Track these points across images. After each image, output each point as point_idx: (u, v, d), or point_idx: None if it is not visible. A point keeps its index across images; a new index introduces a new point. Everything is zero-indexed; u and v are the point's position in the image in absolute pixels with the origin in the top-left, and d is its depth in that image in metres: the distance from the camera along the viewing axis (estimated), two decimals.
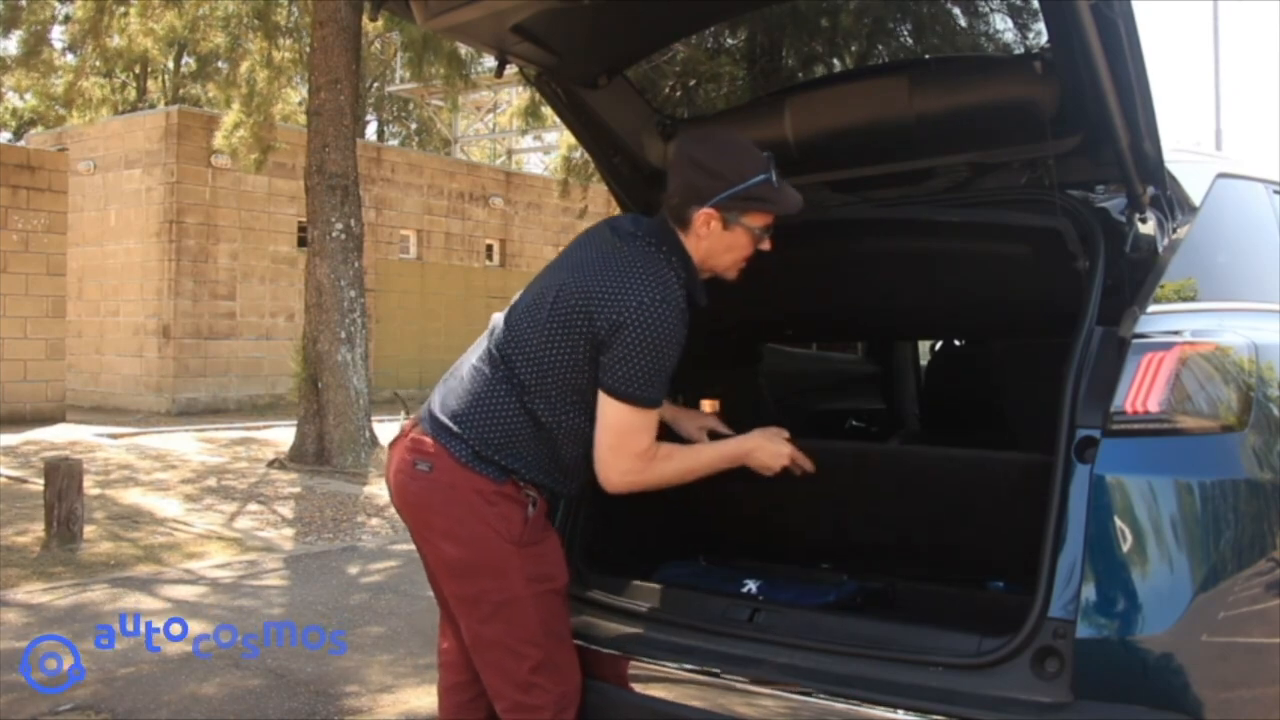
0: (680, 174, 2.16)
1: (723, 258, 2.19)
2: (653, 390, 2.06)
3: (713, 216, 2.11)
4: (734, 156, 2.14)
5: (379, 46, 20.40)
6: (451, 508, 2.12)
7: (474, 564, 2.14)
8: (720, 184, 2.10)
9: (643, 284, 2.05)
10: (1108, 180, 2.37)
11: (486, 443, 2.11)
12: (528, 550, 2.13)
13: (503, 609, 2.13)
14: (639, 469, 2.11)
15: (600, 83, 2.74)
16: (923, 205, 2.62)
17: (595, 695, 2.39)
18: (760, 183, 2.11)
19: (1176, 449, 1.91)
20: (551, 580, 2.18)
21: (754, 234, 2.16)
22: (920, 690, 1.95)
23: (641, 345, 2.03)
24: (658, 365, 2.05)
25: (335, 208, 9.08)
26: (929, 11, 3.16)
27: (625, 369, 2.04)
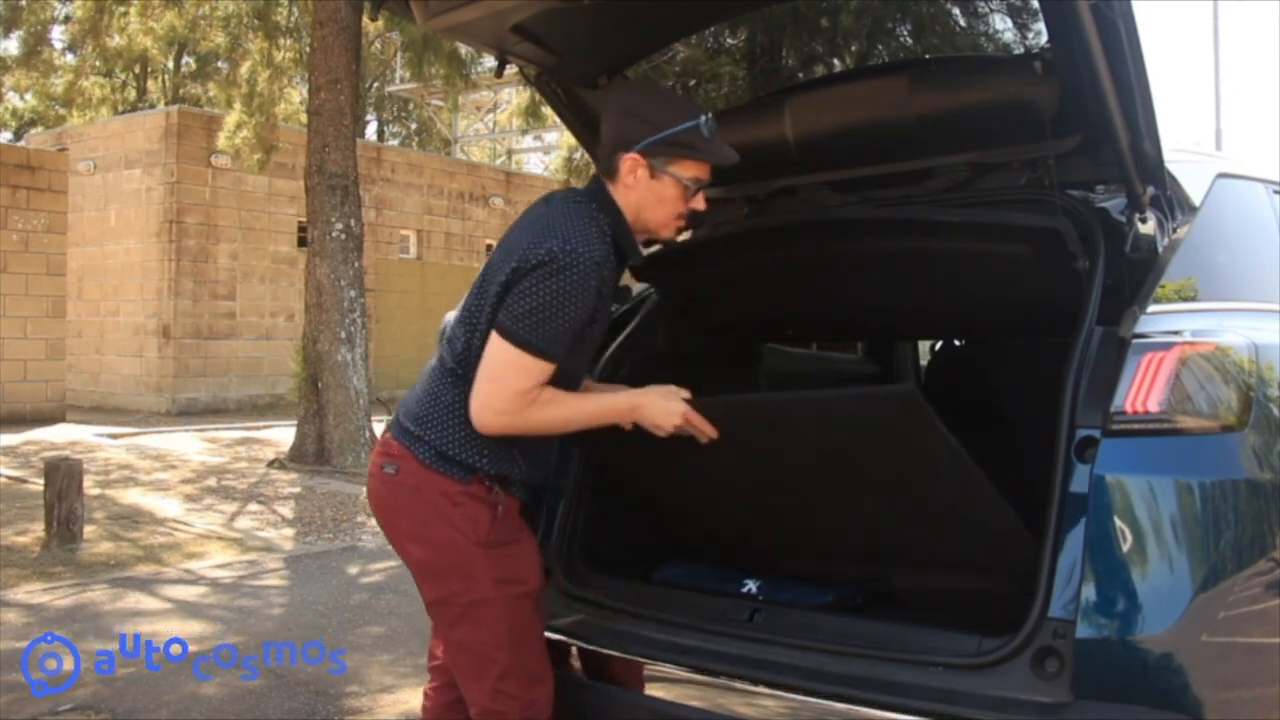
0: (610, 122, 2.10)
1: (654, 212, 2.09)
2: (540, 337, 1.97)
3: (639, 163, 2.04)
4: (664, 103, 2.10)
5: (379, 46, 20.40)
6: (417, 510, 2.10)
7: (441, 566, 2.11)
8: (647, 129, 2.03)
9: (562, 232, 1.98)
10: (1108, 180, 2.37)
11: (447, 441, 2.08)
12: (496, 552, 2.09)
13: (470, 612, 2.09)
14: (514, 410, 2.00)
15: (600, 83, 2.74)
16: (923, 205, 2.62)
17: (595, 695, 2.39)
18: (688, 128, 2.03)
19: (1176, 449, 1.91)
20: (522, 583, 2.13)
21: (684, 186, 2.07)
22: (920, 690, 1.95)
23: (542, 286, 1.95)
24: (553, 311, 1.96)
25: (335, 208, 9.08)
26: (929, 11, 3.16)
27: (519, 306, 1.97)
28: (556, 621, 2.49)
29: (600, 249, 2.00)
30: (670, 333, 3.01)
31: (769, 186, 2.89)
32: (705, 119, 2.04)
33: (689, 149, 2.05)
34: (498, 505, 2.10)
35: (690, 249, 3.00)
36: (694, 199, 2.12)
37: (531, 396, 2.01)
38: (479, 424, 2.03)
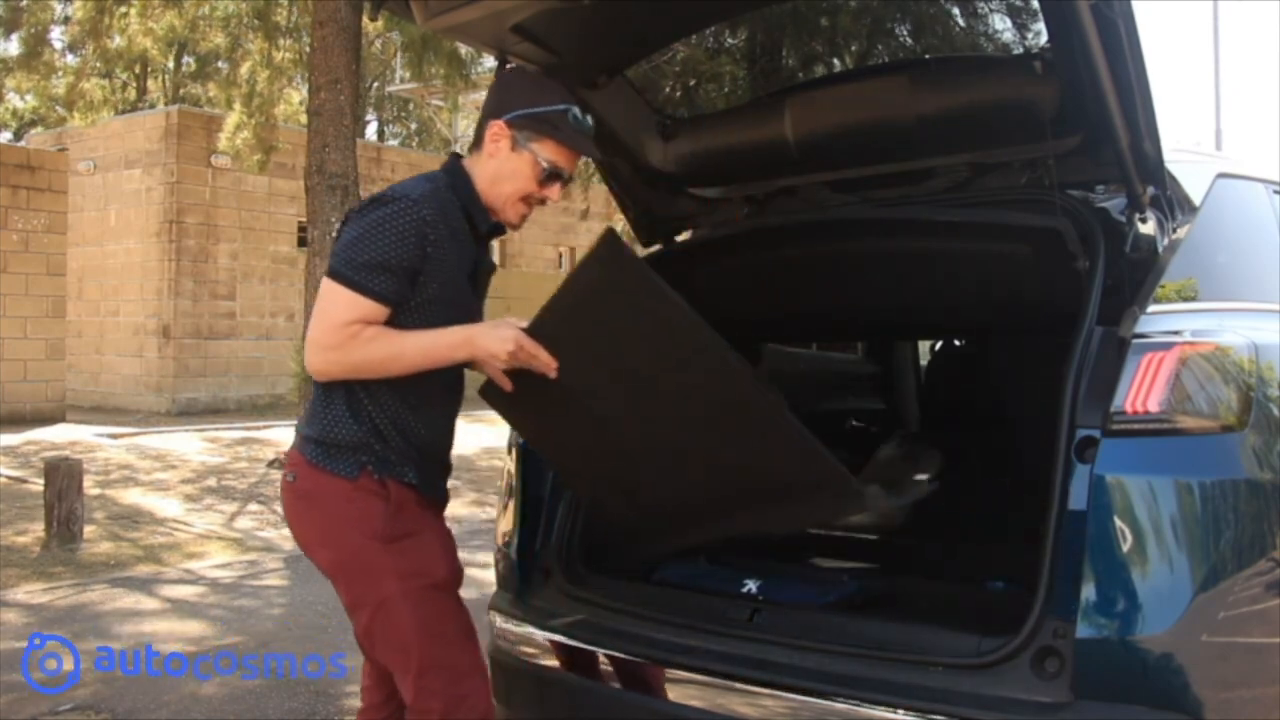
0: (490, 93, 2.16)
1: (504, 185, 2.11)
2: (353, 268, 1.95)
3: (504, 132, 2.08)
4: (541, 84, 2.16)
5: (379, 46, 20.39)
6: (315, 512, 2.09)
7: (345, 566, 2.09)
8: (520, 101, 2.09)
9: (399, 186, 2.02)
10: (1108, 180, 2.37)
11: (327, 430, 2.07)
12: (395, 545, 2.05)
13: (381, 610, 2.06)
14: (337, 344, 1.97)
15: (600, 83, 2.74)
16: (923, 205, 2.62)
17: (595, 695, 2.39)
18: (558, 110, 2.08)
19: (1176, 449, 1.91)
20: (427, 576, 2.08)
21: (540, 167, 2.09)
22: (920, 690, 1.95)
23: (358, 221, 1.99)
24: (366, 242, 1.96)
25: (335, 208, 9.07)
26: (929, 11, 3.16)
27: (341, 245, 1.99)
28: (556, 621, 2.50)
29: (428, 197, 2.02)
30: None
31: (769, 186, 2.90)
32: (576, 109, 2.10)
33: (553, 129, 2.08)
34: (389, 499, 2.06)
35: (690, 249, 3.00)
36: (547, 187, 2.13)
37: (353, 331, 1.97)
38: (310, 366, 2.03)
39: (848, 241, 2.69)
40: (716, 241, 2.87)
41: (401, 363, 2.02)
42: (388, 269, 1.97)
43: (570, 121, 2.09)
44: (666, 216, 3.04)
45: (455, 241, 2.07)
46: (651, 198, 2.99)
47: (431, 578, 2.09)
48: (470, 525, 7.01)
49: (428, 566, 2.09)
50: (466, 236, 2.11)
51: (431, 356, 2.04)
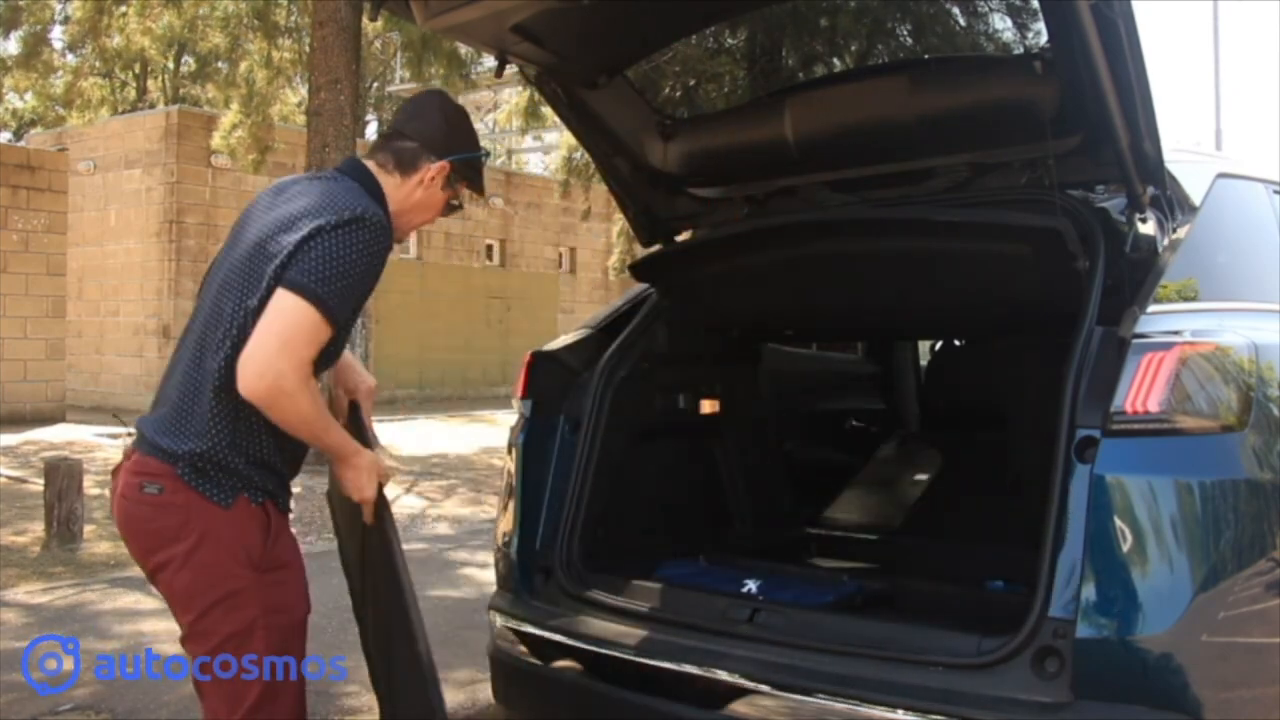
0: (427, 119, 2.15)
1: (415, 215, 2.16)
2: (337, 299, 1.89)
3: (445, 171, 2.12)
4: (470, 125, 2.23)
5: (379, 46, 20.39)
6: (183, 531, 1.95)
7: (204, 590, 1.97)
8: (466, 146, 2.16)
9: (361, 201, 1.97)
10: (1108, 180, 2.37)
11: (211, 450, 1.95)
12: (266, 577, 1.98)
13: (231, 640, 1.96)
14: (294, 371, 1.86)
15: (600, 83, 2.74)
16: (923, 205, 2.62)
17: (595, 696, 2.39)
18: (482, 156, 2.21)
19: (1176, 449, 1.91)
20: (289, 613, 2.03)
21: (451, 203, 2.19)
22: (920, 690, 1.95)
23: (345, 243, 1.90)
24: (350, 273, 1.90)
25: None
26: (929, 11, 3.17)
27: (314, 262, 1.88)
28: (556, 621, 2.50)
29: (384, 220, 2.02)
30: (670, 333, 3.01)
31: (769, 186, 2.90)
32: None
33: (477, 174, 2.20)
34: (269, 526, 2.00)
35: (690, 249, 3.00)
36: (446, 214, 2.25)
37: (308, 373, 1.90)
38: (246, 384, 1.86)
39: (847, 241, 2.69)
40: (716, 241, 2.87)
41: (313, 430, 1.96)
42: (358, 297, 1.97)
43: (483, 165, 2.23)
44: (666, 216, 3.04)
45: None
46: (651, 198, 2.99)
47: (293, 614, 2.04)
48: (470, 525, 7.00)
49: (291, 602, 2.04)
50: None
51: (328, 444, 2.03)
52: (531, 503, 2.70)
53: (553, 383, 2.80)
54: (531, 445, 2.75)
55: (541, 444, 2.75)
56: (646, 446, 2.91)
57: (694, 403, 3.09)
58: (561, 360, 2.85)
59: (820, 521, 3.50)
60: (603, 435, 2.71)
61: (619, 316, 3.02)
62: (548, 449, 2.74)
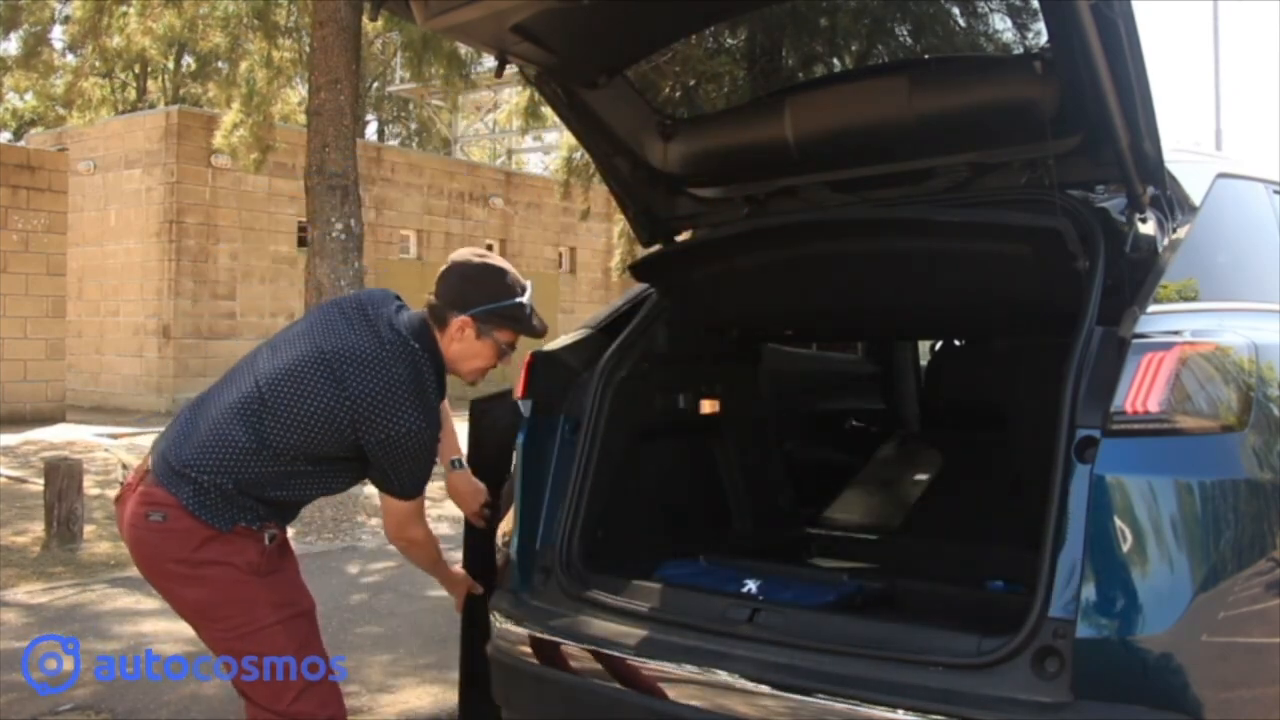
0: (448, 282, 2.40)
1: (468, 363, 2.41)
2: (422, 486, 2.36)
3: (468, 324, 2.35)
4: (497, 278, 2.41)
5: (379, 46, 20.40)
6: (187, 551, 2.19)
7: (218, 601, 2.22)
8: (483, 298, 2.36)
9: (410, 404, 2.23)
10: (1108, 180, 2.37)
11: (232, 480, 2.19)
12: (269, 579, 2.25)
13: (254, 637, 2.22)
14: (417, 538, 2.45)
15: (600, 83, 2.74)
16: (923, 205, 2.62)
17: (595, 696, 2.39)
18: (513, 304, 2.38)
19: (1176, 449, 1.91)
20: (296, 605, 2.29)
21: (499, 347, 2.41)
22: (920, 690, 1.95)
23: (413, 459, 2.28)
24: (425, 469, 2.32)
25: (335, 208, 9.08)
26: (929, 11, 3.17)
27: (401, 479, 2.30)
28: (556, 621, 2.49)
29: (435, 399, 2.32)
30: (670, 333, 3.01)
31: (769, 186, 2.89)
32: (526, 298, 2.40)
33: (512, 321, 2.39)
34: (265, 537, 2.25)
35: (690, 249, 3.00)
36: (503, 359, 2.45)
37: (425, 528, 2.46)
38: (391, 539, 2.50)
39: (848, 241, 2.69)
40: (716, 241, 2.87)
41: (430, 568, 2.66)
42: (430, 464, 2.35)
43: (527, 313, 2.40)
44: (666, 216, 3.04)
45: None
46: (651, 198, 2.99)
47: (299, 605, 2.31)
48: None
49: (296, 596, 2.32)
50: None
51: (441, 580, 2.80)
52: (531, 503, 2.70)
53: (553, 383, 2.80)
54: (531, 445, 2.75)
55: (541, 444, 2.75)
56: (646, 446, 2.91)
57: (694, 403, 3.09)
58: (561, 360, 2.86)
59: (820, 521, 3.50)
60: (603, 435, 2.71)
61: (619, 316, 3.02)
62: (548, 449, 2.74)
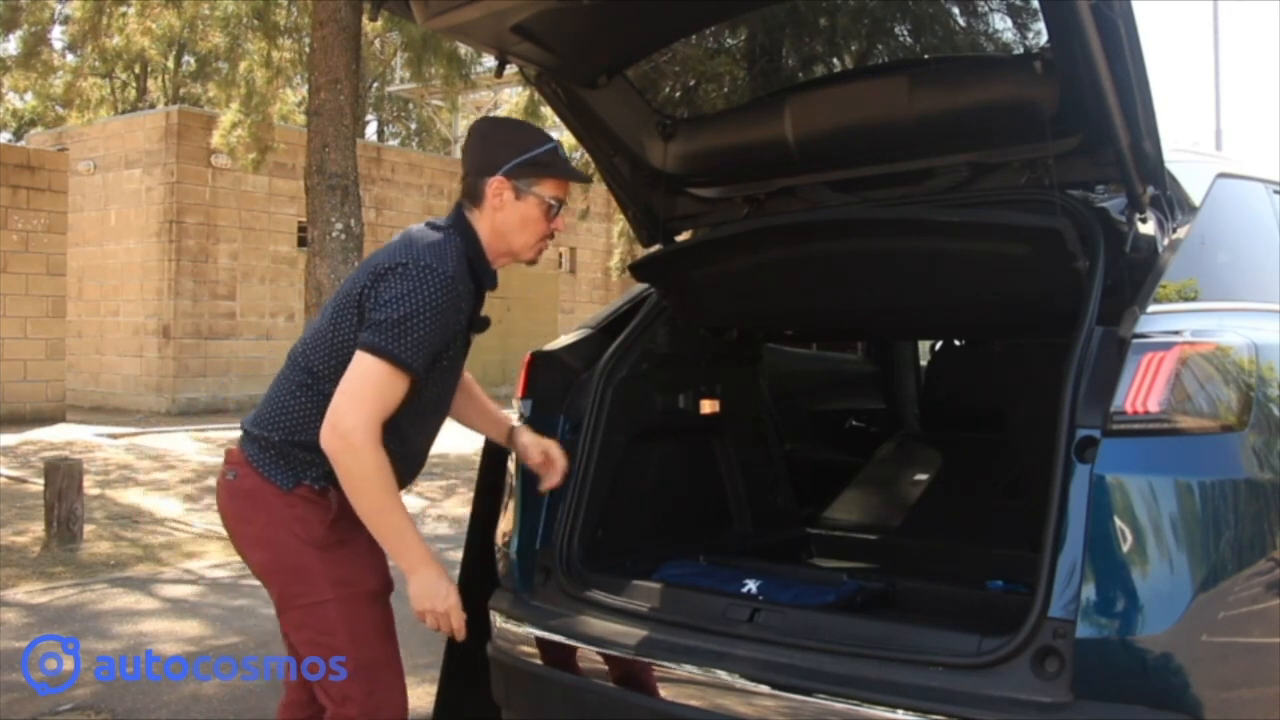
0: (472, 150, 2.22)
1: (518, 235, 2.19)
2: (404, 348, 1.99)
3: (504, 185, 2.15)
4: (521, 129, 2.26)
5: (379, 46, 20.40)
6: (254, 513, 2.14)
7: (279, 567, 2.14)
8: (510, 152, 2.15)
9: (420, 248, 2.07)
10: (1108, 180, 2.37)
11: (290, 439, 2.11)
12: (330, 553, 2.11)
13: (312, 612, 2.12)
14: (362, 431, 1.97)
15: (600, 83, 2.74)
16: (923, 205, 2.62)
17: (596, 695, 2.39)
18: (548, 149, 2.17)
19: (1176, 449, 1.91)
20: (358, 584, 2.14)
21: (546, 205, 2.18)
22: (920, 690, 1.95)
23: (403, 295, 2.00)
24: (416, 322, 1.99)
25: (335, 208, 9.07)
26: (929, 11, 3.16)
27: (379, 316, 2.00)
28: (556, 621, 2.49)
29: (455, 265, 2.08)
30: (670, 333, 3.01)
31: (769, 186, 2.89)
32: (558, 142, 2.21)
33: (549, 168, 2.17)
34: (329, 507, 2.11)
35: (690, 249, 3.00)
36: (556, 220, 2.22)
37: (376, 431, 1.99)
38: (324, 439, 2.01)
39: (848, 241, 2.69)
40: (716, 241, 2.87)
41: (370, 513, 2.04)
42: (430, 343, 2.03)
43: (561, 156, 2.19)
44: (666, 216, 3.04)
45: (469, 300, 2.14)
46: (651, 198, 2.99)
47: (362, 585, 2.14)
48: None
49: (359, 575, 2.14)
50: (471, 292, 2.16)
51: (388, 539, 2.07)
52: (531, 503, 2.70)
53: (553, 383, 2.80)
54: None
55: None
56: (646, 446, 2.91)
57: (694, 403, 3.09)
58: (561, 360, 2.86)
59: (820, 521, 3.49)
60: (603, 435, 2.71)
61: (619, 316, 3.02)
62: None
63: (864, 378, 4.49)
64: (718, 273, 2.89)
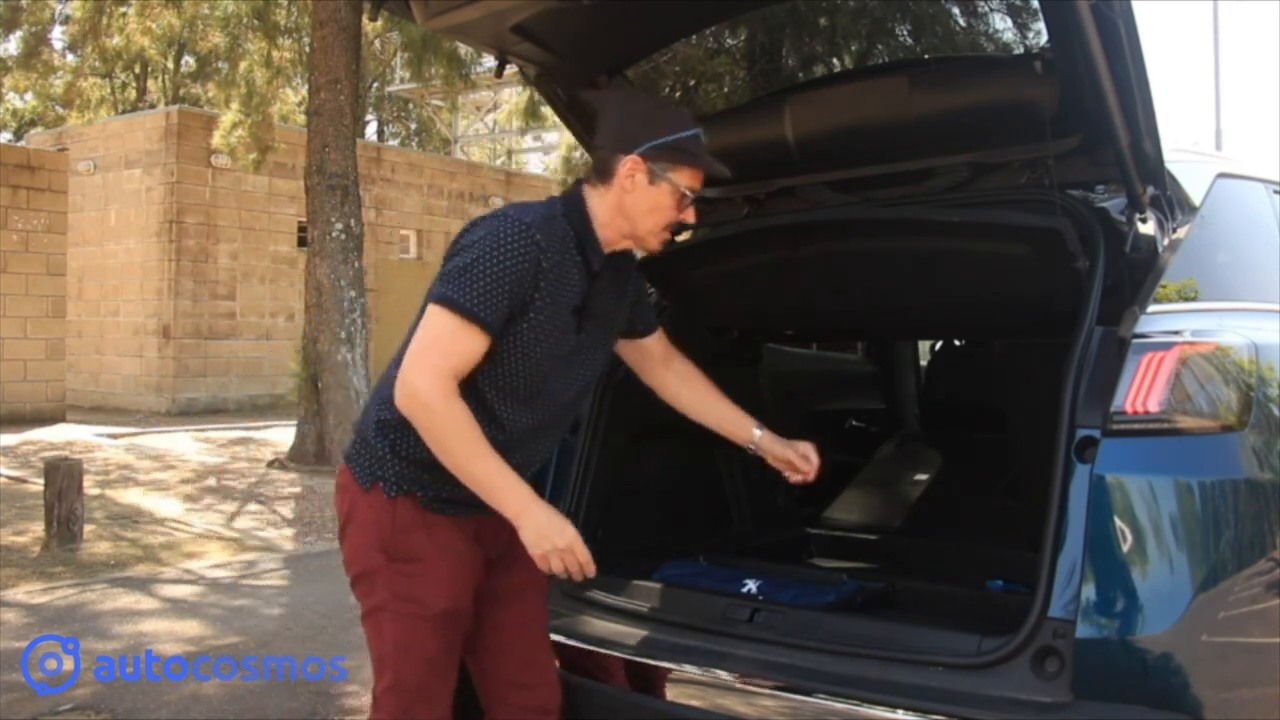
0: (609, 123, 2.07)
1: (645, 219, 2.05)
2: (463, 293, 1.88)
3: (639, 166, 2.00)
4: (665, 109, 2.11)
5: (379, 46, 20.39)
6: (340, 506, 2.10)
7: (351, 563, 2.09)
8: (652, 132, 2.01)
9: (514, 207, 1.99)
10: (1108, 180, 2.37)
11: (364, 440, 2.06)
12: (397, 566, 2.01)
13: (369, 615, 2.05)
14: (430, 385, 1.88)
15: (600, 83, 2.74)
16: (923, 205, 2.62)
17: (595, 695, 2.39)
18: (691, 136, 2.02)
19: (1176, 449, 1.91)
20: (419, 604, 2.00)
21: (680, 194, 2.03)
22: (920, 690, 1.95)
23: (474, 242, 1.92)
24: (482, 268, 1.89)
25: (335, 208, 9.08)
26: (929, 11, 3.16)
27: (447, 268, 1.93)
28: (556, 621, 2.49)
29: (541, 223, 1.96)
30: (669, 332, 3.01)
31: (769, 186, 2.89)
32: (700, 130, 2.05)
33: (690, 156, 2.02)
34: (394, 516, 2.01)
35: (690, 249, 3.00)
36: (686, 210, 2.08)
37: (452, 386, 1.89)
38: (397, 400, 1.93)
39: (848, 241, 2.69)
40: (716, 241, 2.87)
41: (459, 462, 1.92)
42: (499, 295, 1.90)
43: (703, 145, 2.04)
44: None
45: (565, 272, 2.00)
46: None
47: (423, 608, 2.01)
48: None
49: (423, 595, 2.01)
50: (578, 268, 2.03)
51: (484, 486, 1.93)
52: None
53: None
54: None
55: None
56: (647, 446, 2.91)
57: None
58: None
59: (820, 521, 3.49)
60: (603, 435, 2.71)
61: None
62: None
63: (864, 378, 4.49)
64: (718, 273, 2.89)
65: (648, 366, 2.43)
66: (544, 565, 1.96)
